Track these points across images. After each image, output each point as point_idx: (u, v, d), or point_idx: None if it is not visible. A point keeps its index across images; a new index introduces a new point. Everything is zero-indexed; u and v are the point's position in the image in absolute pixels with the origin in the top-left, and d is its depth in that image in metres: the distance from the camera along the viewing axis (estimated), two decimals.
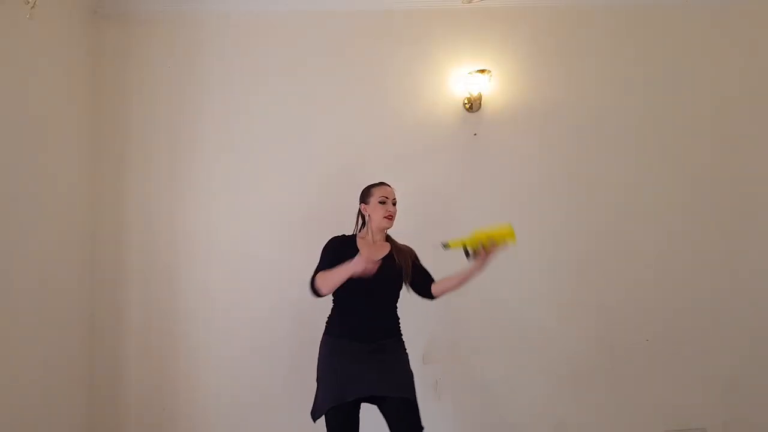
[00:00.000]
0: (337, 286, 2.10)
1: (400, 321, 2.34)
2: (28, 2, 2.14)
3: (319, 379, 2.25)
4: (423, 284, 2.35)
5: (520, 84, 3.13)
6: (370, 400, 2.21)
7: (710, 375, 3.07)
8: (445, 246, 2.16)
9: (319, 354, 2.28)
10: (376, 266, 1.99)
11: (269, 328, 3.03)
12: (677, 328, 3.09)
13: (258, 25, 3.14)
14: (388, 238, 2.39)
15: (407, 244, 2.42)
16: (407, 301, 2.35)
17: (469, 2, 2.65)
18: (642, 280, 3.09)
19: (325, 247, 2.29)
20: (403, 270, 2.28)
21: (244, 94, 3.12)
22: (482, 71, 2.99)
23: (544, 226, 3.10)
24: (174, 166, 3.09)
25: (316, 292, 2.15)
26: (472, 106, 3.09)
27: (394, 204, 2.35)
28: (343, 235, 2.36)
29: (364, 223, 2.38)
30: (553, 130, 3.12)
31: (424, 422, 2.19)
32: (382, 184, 2.39)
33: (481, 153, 3.12)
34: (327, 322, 2.32)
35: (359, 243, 2.30)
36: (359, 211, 2.40)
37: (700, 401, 3.07)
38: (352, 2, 3.13)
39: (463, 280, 2.24)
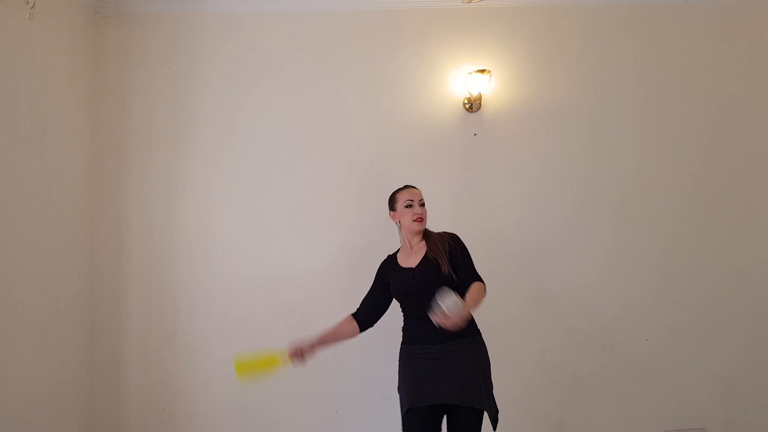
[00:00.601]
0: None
1: (473, 318, 2.21)
2: (28, 2, 2.13)
3: (398, 388, 2.25)
4: (461, 276, 2.22)
5: (520, 84, 3.13)
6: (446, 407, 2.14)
7: (710, 375, 3.07)
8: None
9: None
10: (299, 358, 2.22)
11: (269, 328, 3.02)
12: (677, 328, 3.08)
13: (258, 25, 3.14)
14: (425, 235, 2.34)
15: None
16: None
17: (469, 2, 2.64)
18: (642, 280, 3.09)
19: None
20: (440, 262, 2.19)
21: (244, 94, 3.11)
22: (482, 71, 2.99)
23: (544, 226, 3.10)
24: (174, 166, 3.09)
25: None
26: (472, 106, 3.09)
27: (422, 205, 2.33)
28: (390, 254, 2.43)
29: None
30: (553, 129, 3.12)
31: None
32: (407, 187, 2.38)
33: (481, 153, 3.11)
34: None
35: (399, 255, 2.36)
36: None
37: (700, 401, 3.07)
38: (352, 2, 3.13)
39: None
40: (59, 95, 2.79)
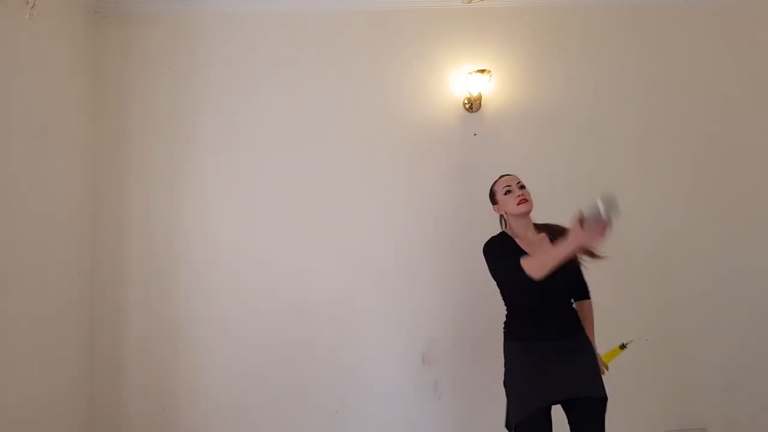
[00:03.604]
0: (559, 265, 1.90)
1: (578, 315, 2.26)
2: (28, 2, 2.13)
3: (509, 388, 2.13)
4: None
5: (520, 84, 3.13)
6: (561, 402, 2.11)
7: (710, 375, 3.07)
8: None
9: (506, 362, 2.16)
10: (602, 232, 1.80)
11: (269, 328, 3.03)
12: (677, 329, 3.08)
13: (258, 25, 3.14)
14: (540, 228, 2.23)
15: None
16: (407, 299, 2.35)
17: (469, 2, 2.64)
18: (642, 280, 3.09)
19: (494, 245, 2.15)
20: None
21: (244, 94, 3.12)
22: (482, 71, 2.99)
23: None
24: (174, 166, 3.09)
25: (529, 278, 1.97)
26: (472, 106, 3.09)
27: (522, 187, 2.21)
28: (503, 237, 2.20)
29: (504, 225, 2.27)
30: (553, 130, 3.12)
31: (424, 422, 2.20)
32: (501, 176, 2.30)
33: (481, 153, 3.11)
34: (505, 329, 2.21)
35: (520, 243, 2.14)
36: (501, 217, 2.30)
37: (700, 401, 3.07)
38: (352, 2, 3.13)
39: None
40: (59, 95, 2.79)
